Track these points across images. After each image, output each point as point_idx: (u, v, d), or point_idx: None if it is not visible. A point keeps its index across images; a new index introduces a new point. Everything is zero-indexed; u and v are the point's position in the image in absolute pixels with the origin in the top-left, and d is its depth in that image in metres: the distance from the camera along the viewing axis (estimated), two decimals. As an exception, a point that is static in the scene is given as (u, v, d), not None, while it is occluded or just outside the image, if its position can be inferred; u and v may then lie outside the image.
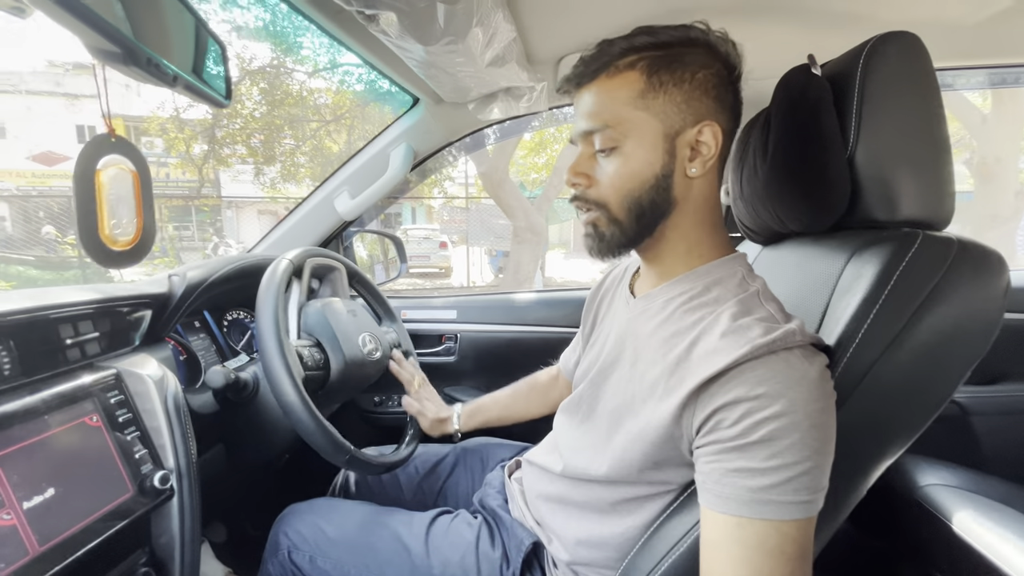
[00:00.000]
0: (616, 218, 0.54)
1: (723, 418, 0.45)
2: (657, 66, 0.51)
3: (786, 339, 0.45)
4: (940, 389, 0.52)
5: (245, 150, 8.09)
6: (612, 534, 0.59)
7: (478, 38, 0.68)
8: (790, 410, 0.43)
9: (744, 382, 0.44)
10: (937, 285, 0.49)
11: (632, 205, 0.53)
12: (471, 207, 10.84)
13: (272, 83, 7.32)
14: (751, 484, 0.43)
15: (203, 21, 0.58)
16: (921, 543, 0.92)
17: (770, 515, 0.43)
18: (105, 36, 0.39)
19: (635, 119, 0.51)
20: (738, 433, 0.44)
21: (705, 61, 0.51)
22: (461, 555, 0.69)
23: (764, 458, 0.43)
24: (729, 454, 0.45)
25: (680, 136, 0.51)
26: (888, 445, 0.53)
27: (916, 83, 0.54)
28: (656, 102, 0.51)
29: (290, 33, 6.14)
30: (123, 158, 0.55)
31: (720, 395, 0.45)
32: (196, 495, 0.65)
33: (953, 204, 0.56)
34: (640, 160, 0.52)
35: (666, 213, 0.54)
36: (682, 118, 0.51)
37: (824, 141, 0.57)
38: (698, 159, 0.52)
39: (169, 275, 0.81)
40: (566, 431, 0.68)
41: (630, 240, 0.55)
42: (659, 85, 0.50)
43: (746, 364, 0.45)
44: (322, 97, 7.93)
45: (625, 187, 0.52)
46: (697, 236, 0.56)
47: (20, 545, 0.47)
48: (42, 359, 0.58)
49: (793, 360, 0.45)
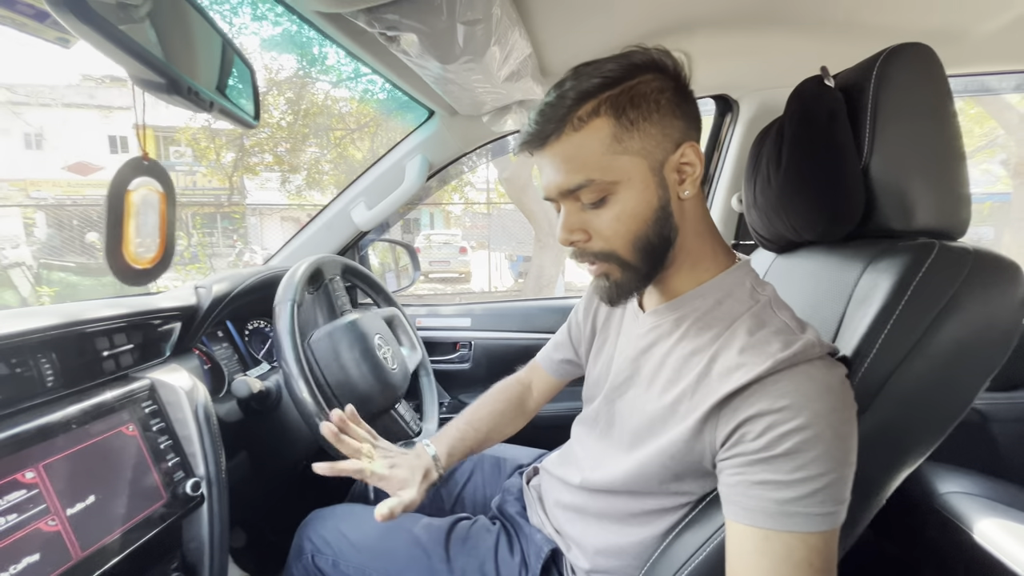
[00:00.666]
0: (628, 263, 0.53)
1: (747, 431, 0.46)
2: (621, 105, 0.49)
3: (806, 352, 0.46)
4: (959, 399, 0.52)
5: (272, 158, 8.27)
6: (630, 543, 0.60)
7: (495, 56, 0.70)
8: (814, 422, 0.43)
9: (767, 395, 0.45)
10: (954, 295, 0.49)
11: (643, 245, 0.52)
12: (492, 212, 10.88)
13: (298, 93, 7.47)
14: (776, 496, 0.44)
15: (230, 42, 0.61)
16: (941, 552, 0.91)
17: (796, 527, 0.43)
18: (148, 67, 0.41)
19: (618, 164, 0.49)
20: (763, 446, 0.45)
21: (661, 85, 0.50)
22: (480, 561, 0.70)
23: (789, 471, 0.43)
24: (754, 467, 0.45)
25: (666, 165, 0.51)
26: (907, 455, 0.53)
27: (929, 93, 0.55)
28: (633, 141, 0.49)
29: (315, 44, 6.28)
30: (153, 180, 0.57)
31: (744, 409, 0.46)
32: (225, 502, 0.67)
33: (969, 213, 0.56)
34: (636, 201, 0.50)
35: (672, 240, 0.53)
36: (662, 148, 0.50)
37: (838, 151, 0.58)
38: (687, 180, 0.52)
39: (196, 287, 0.84)
40: (584, 444, 0.69)
41: (646, 277, 0.55)
42: (630, 124, 0.49)
43: (768, 378, 0.45)
44: (346, 106, 8.08)
45: (630, 231, 0.51)
46: (699, 251, 0.56)
47: (64, 550, 0.49)
48: (81, 371, 0.61)
49: (814, 372, 0.45)
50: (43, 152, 12.25)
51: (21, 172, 12.34)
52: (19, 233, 10.05)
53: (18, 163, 12.32)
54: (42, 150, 12.19)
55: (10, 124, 11.48)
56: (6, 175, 12.52)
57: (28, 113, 11.34)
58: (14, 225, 10.23)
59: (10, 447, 0.49)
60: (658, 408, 0.54)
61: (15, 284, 6.58)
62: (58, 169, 11.57)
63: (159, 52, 0.48)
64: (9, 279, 6.61)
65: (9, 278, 6.64)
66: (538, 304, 1.41)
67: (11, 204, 11.24)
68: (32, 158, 12.47)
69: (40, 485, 0.50)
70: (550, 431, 0.96)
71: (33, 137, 12.19)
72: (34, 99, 11.10)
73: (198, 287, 0.84)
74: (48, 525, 0.49)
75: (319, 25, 0.69)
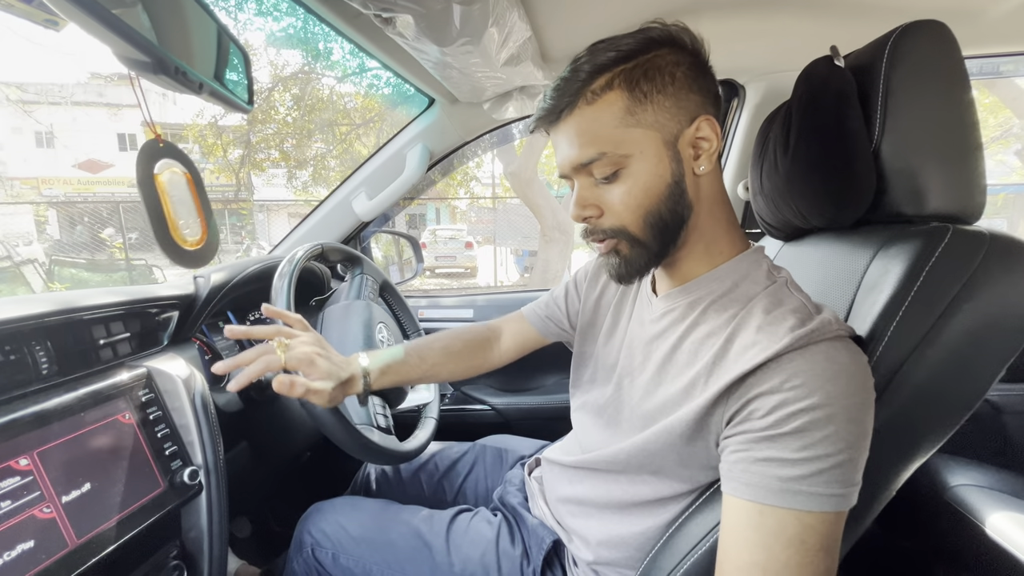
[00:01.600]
0: (638, 239, 0.52)
1: (756, 408, 0.45)
2: (635, 79, 0.49)
3: (824, 329, 0.45)
4: (973, 388, 0.50)
5: (278, 154, 8.33)
6: (632, 534, 0.59)
7: (493, 38, 0.68)
8: (827, 402, 0.42)
9: (781, 372, 0.44)
10: (968, 280, 0.48)
11: (654, 221, 0.51)
12: (498, 207, 10.88)
13: (303, 89, 7.53)
14: (780, 473, 0.43)
15: (225, 28, 0.60)
16: (952, 546, 0.90)
17: (797, 505, 0.42)
18: (135, 46, 0.40)
19: (631, 137, 0.49)
20: (771, 423, 0.43)
21: (676, 59, 0.50)
22: (481, 552, 0.70)
23: (796, 449, 0.42)
24: (760, 444, 0.44)
25: (680, 139, 0.50)
26: (918, 445, 0.52)
27: (944, 73, 0.53)
28: (646, 114, 0.49)
29: (320, 39, 6.30)
30: (175, 161, 0.56)
31: (756, 386, 0.45)
32: (223, 491, 0.67)
33: (984, 197, 0.54)
34: (649, 174, 0.50)
35: (686, 218, 0.52)
36: (677, 121, 0.50)
37: (848, 134, 0.56)
38: (703, 155, 0.51)
39: (194, 277, 0.83)
40: (591, 433, 0.67)
41: (656, 256, 0.54)
42: (644, 97, 0.49)
43: (784, 356, 0.44)
44: (351, 101, 8.13)
45: (642, 206, 0.51)
46: (713, 233, 0.55)
47: (60, 537, 0.49)
48: (77, 359, 0.61)
49: (834, 353, 0.44)
50: (54, 150, 12.66)
51: (33, 170, 12.64)
52: (31, 230, 10.35)
53: (30, 161, 12.76)
54: (53, 148, 12.59)
55: (22, 123, 11.81)
56: (19, 173, 12.97)
57: (39, 112, 11.60)
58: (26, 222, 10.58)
59: (4, 434, 0.49)
60: (672, 392, 0.53)
61: (27, 280, 6.80)
62: (69, 167, 11.98)
63: (152, 36, 0.47)
64: (22, 275, 6.83)
65: (22, 274, 6.85)
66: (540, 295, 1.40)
67: (24, 201, 11.63)
68: (44, 156, 12.75)
69: (35, 472, 0.50)
70: (553, 422, 0.95)
71: (44, 136, 12.61)
72: (45, 98, 11.34)
73: (196, 276, 0.83)
74: (43, 512, 0.49)
75: (314, 8, 0.68)
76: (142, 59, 0.41)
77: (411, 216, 14.61)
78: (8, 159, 13.16)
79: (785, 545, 0.42)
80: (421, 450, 0.85)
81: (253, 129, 8.10)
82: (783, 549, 0.42)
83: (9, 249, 7.80)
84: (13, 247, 8.29)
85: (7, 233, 9.91)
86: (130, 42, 0.40)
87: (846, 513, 0.43)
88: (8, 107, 11.28)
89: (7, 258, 7.16)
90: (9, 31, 4.70)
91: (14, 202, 11.65)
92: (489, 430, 0.96)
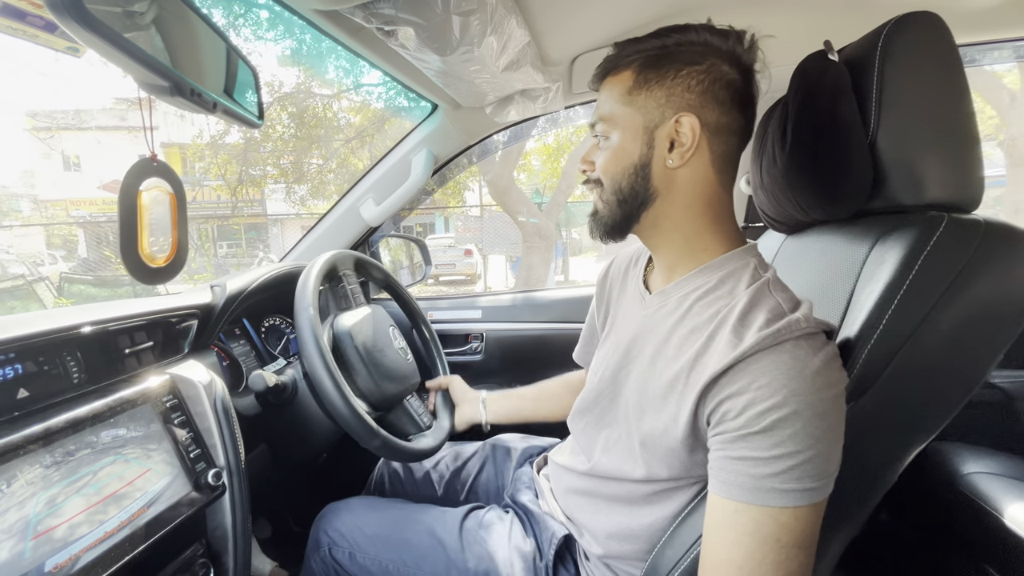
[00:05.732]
0: (606, 200, 0.59)
1: (728, 409, 0.46)
2: (647, 65, 0.55)
3: (790, 328, 0.46)
4: (970, 374, 0.51)
5: (276, 171, 8.77)
6: (641, 526, 0.60)
7: (492, 46, 0.70)
8: (792, 400, 0.44)
9: (748, 374, 0.46)
10: (964, 268, 0.48)
11: (616, 189, 0.58)
12: (484, 215, 10.98)
13: (300, 106, 7.76)
14: (754, 472, 0.45)
15: (234, 46, 0.62)
16: (966, 534, 0.89)
17: (771, 502, 0.44)
18: (153, 71, 0.43)
19: (621, 114, 0.56)
20: (743, 423, 0.45)
21: (694, 59, 0.53)
22: (494, 548, 0.71)
23: (768, 447, 0.44)
24: (735, 443, 0.46)
25: (659, 129, 0.54)
26: (917, 432, 0.53)
27: (937, 63, 0.53)
28: (639, 98, 0.55)
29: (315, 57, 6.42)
30: (163, 181, 0.59)
31: (726, 387, 0.47)
32: (246, 491, 0.69)
33: (982, 185, 0.55)
34: (621, 149, 0.56)
35: (647, 202, 0.57)
36: (660, 112, 0.54)
37: (844, 127, 0.57)
38: (677, 150, 0.54)
39: (211, 286, 0.86)
40: (586, 434, 0.69)
41: (617, 223, 0.59)
42: (644, 82, 0.55)
43: (751, 357, 0.46)
44: (345, 117, 8.31)
45: (610, 172, 0.58)
46: (694, 229, 0.57)
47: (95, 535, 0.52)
48: (105, 368, 0.64)
49: (797, 351, 0.45)
50: (81, 173, 13.39)
51: (62, 192, 13.50)
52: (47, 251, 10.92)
53: (58, 184, 13.61)
54: (80, 171, 13.36)
55: (51, 148, 12.66)
56: (49, 196, 13.99)
57: (67, 137, 12.51)
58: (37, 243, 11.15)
59: (41, 440, 0.52)
60: (656, 385, 0.55)
61: (39, 296, 7.34)
62: (94, 188, 12.69)
63: (165, 57, 0.49)
64: (34, 292, 7.37)
65: (34, 291, 7.39)
66: (548, 294, 1.42)
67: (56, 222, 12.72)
68: (71, 179, 13.41)
69: (70, 476, 0.52)
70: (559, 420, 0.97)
71: (71, 160, 13.44)
72: (72, 124, 12.13)
73: (213, 285, 0.86)
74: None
75: (319, 24, 0.70)
76: (160, 83, 0.43)
77: (422, 226, 15.12)
78: (39, 183, 14.21)
79: (760, 543, 0.44)
80: (437, 448, 0.87)
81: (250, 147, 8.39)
82: (758, 547, 0.44)
83: (30, 268, 8.38)
84: (37, 266, 8.91)
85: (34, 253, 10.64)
86: (148, 68, 0.43)
87: (823, 503, 0.45)
88: (39, 134, 12.25)
89: (21, 276, 7.84)
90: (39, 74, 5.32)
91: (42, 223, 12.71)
92: (498, 428, 0.98)
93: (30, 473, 0.49)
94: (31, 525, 0.47)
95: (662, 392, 0.54)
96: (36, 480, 0.49)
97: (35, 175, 14.38)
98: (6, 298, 7.33)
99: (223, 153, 8.69)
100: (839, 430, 0.45)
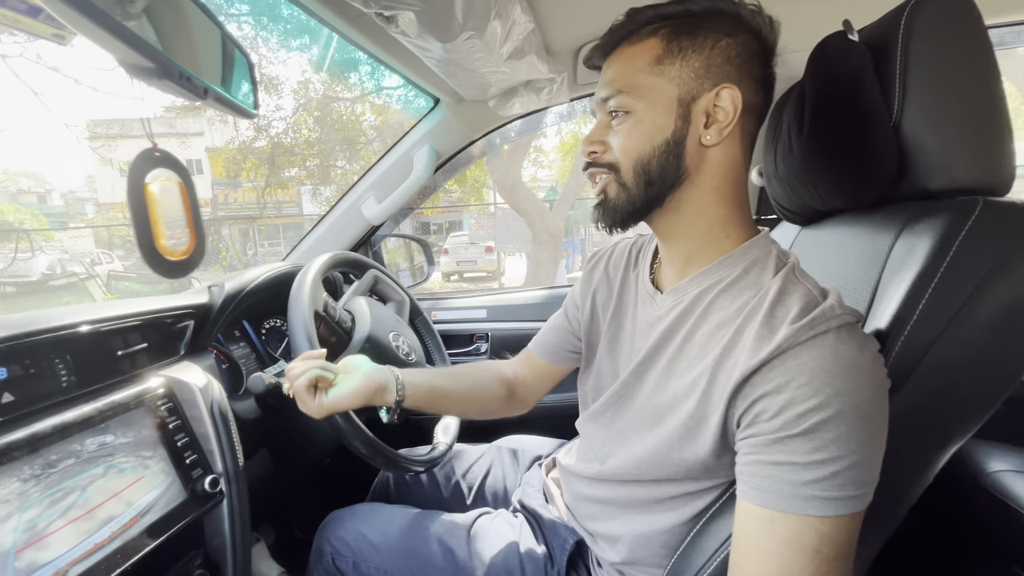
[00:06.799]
0: (625, 183, 0.53)
1: (764, 409, 0.43)
2: (678, 32, 0.50)
3: (825, 317, 0.43)
4: (1010, 368, 0.48)
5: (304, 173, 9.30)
6: (655, 531, 0.57)
7: (496, 31, 0.68)
8: (836, 400, 0.40)
9: (786, 370, 0.42)
10: (1002, 255, 0.46)
11: (641, 170, 0.51)
12: (497, 213, 11.11)
13: (324, 111, 8.14)
14: (792, 478, 0.41)
15: (229, 34, 0.60)
16: (991, 532, 0.86)
17: (812, 511, 0.40)
18: (139, 51, 0.40)
19: (649, 84, 0.50)
20: (779, 425, 0.42)
21: (730, 30, 0.49)
22: (504, 555, 0.69)
23: (807, 451, 0.40)
24: (770, 447, 0.42)
25: (696, 102, 0.50)
26: (953, 430, 0.50)
27: (965, 41, 0.51)
28: (673, 67, 0.50)
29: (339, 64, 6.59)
30: (169, 170, 0.56)
31: (761, 385, 0.43)
32: (244, 498, 0.67)
33: (1014, 167, 0.52)
34: (651, 124, 0.50)
35: (676, 183, 0.51)
36: (699, 83, 0.49)
37: (866, 110, 0.54)
38: (714, 126, 0.50)
39: (208, 286, 0.84)
40: (597, 437, 0.65)
41: (637, 209, 0.53)
42: (678, 51, 0.49)
43: (789, 352, 0.42)
44: (368, 120, 8.59)
45: (635, 150, 0.51)
46: (719, 215, 0.53)
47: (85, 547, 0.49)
48: (97, 370, 0.61)
49: (839, 345, 0.42)
50: None
51: (119, 196, 15.39)
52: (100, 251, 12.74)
53: (117, 188, 15.65)
54: None
55: (110, 155, 14.23)
56: (108, 199, 16.40)
57: (123, 144, 13.99)
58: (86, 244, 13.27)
59: (27, 447, 0.49)
60: (681, 386, 0.51)
61: (91, 292, 8.40)
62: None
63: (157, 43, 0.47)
64: (86, 288, 8.47)
65: (86, 287, 8.51)
66: (553, 293, 1.39)
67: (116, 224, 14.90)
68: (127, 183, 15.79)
69: (58, 484, 0.50)
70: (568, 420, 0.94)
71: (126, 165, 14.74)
72: (127, 132, 13.78)
73: (211, 286, 0.84)
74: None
75: (317, 11, 0.68)
76: (146, 64, 0.41)
77: (450, 223, 15.84)
78: (100, 187, 16.60)
79: (799, 555, 0.41)
80: (440, 459, 0.84)
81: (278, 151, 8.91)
82: (797, 559, 0.41)
83: (87, 266, 9.52)
84: (95, 264, 10.14)
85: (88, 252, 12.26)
86: (133, 47, 0.40)
87: (863, 512, 0.42)
88: (97, 142, 13.85)
89: (74, 274, 9.02)
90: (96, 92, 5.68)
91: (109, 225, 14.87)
92: (505, 430, 0.95)
93: (14, 482, 0.47)
94: (15, 537, 0.44)
95: (684, 393, 0.51)
96: (21, 490, 0.47)
97: (96, 180, 16.66)
98: (62, 293, 8.39)
99: (252, 158, 9.30)
100: (883, 434, 0.42)
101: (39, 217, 12.49)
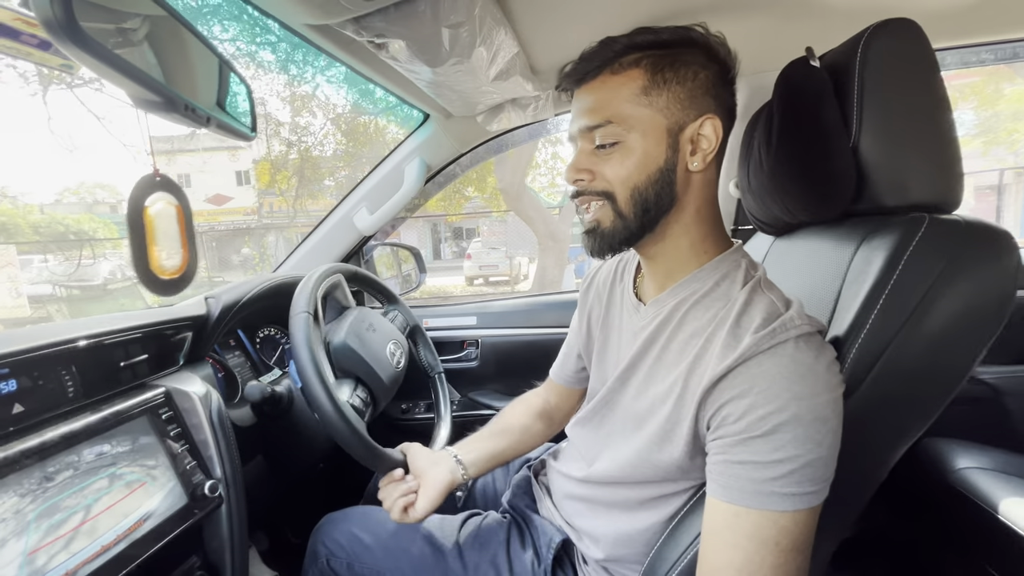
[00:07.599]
0: (621, 211, 0.55)
1: (729, 413, 0.47)
2: (660, 64, 0.52)
3: (785, 327, 0.47)
4: (955, 370, 0.52)
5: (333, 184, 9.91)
6: (638, 530, 0.60)
7: (482, 56, 0.71)
8: (793, 404, 0.44)
9: (748, 377, 0.46)
10: (946, 267, 0.49)
11: (639, 198, 0.53)
12: (507, 219, 11.35)
13: (351, 125, 8.48)
14: (755, 476, 0.45)
15: (227, 61, 0.63)
16: (959, 528, 0.90)
17: (771, 506, 0.44)
18: (145, 87, 0.43)
19: (639, 115, 0.52)
20: (743, 427, 0.46)
21: (704, 62, 0.53)
22: (492, 555, 0.71)
23: (768, 451, 0.44)
24: (736, 448, 0.46)
25: (683, 131, 0.53)
26: (905, 429, 0.53)
27: (915, 68, 0.55)
28: (660, 98, 0.52)
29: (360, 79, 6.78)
30: (168, 194, 0.59)
31: (727, 391, 0.47)
32: (243, 503, 0.69)
33: (962, 186, 0.56)
34: (643, 153, 0.53)
35: (668, 208, 0.54)
36: (685, 114, 0.52)
37: (826, 131, 0.58)
38: (699, 153, 0.53)
39: (206, 298, 0.86)
40: (584, 440, 0.69)
41: (632, 235, 0.56)
42: (663, 82, 0.52)
43: (752, 360, 0.46)
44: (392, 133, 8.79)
45: (631, 179, 0.53)
46: (700, 233, 0.57)
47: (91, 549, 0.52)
48: (100, 381, 0.63)
49: (797, 353, 0.46)
50: (191, 188, 15.71)
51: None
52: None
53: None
54: (190, 187, 15.74)
55: (167, 168, 14.32)
56: None
57: (180, 158, 14.65)
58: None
59: (36, 455, 0.52)
60: (659, 391, 0.55)
61: (142, 295, 8.52)
62: (201, 201, 15.32)
63: (158, 73, 0.50)
64: (139, 292, 8.82)
65: (139, 291, 8.82)
66: (541, 299, 1.42)
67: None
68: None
69: (66, 490, 0.52)
70: None
71: (184, 177, 15.71)
72: (182, 147, 14.24)
73: (208, 297, 0.86)
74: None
75: (311, 38, 0.71)
76: (153, 99, 0.44)
77: (470, 229, 16.38)
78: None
79: (759, 547, 0.44)
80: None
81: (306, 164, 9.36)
82: (757, 550, 0.44)
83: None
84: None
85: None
86: (141, 84, 0.43)
87: (819, 507, 0.45)
88: (157, 157, 14.07)
89: (130, 279, 9.67)
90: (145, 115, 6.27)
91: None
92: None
93: (26, 487, 0.49)
94: (27, 540, 0.47)
95: (661, 398, 0.54)
96: (31, 495, 0.49)
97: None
98: (120, 296, 9.49)
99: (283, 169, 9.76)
100: (838, 434, 0.46)
101: (110, 227, 12.87)
